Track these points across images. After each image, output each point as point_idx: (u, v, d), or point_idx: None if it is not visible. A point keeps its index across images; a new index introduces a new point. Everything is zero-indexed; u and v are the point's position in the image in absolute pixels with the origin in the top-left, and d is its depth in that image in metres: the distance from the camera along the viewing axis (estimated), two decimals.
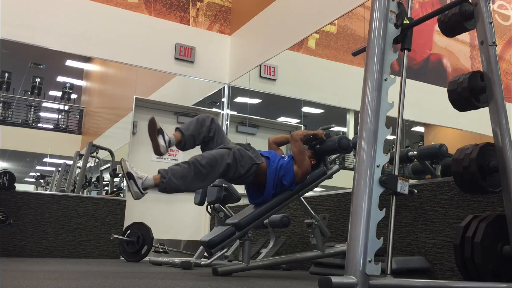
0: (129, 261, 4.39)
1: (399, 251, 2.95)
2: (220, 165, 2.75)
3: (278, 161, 3.02)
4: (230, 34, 6.01)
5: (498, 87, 1.99)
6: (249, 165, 2.88)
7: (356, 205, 1.66)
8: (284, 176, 2.98)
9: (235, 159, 2.81)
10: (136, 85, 6.09)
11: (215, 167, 2.74)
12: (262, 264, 3.17)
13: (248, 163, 2.88)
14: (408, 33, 2.06)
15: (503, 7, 5.57)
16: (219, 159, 2.75)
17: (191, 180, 2.69)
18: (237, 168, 2.82)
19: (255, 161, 2.91)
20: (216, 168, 2.74)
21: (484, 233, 1.95)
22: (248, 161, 2.88)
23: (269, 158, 3.01)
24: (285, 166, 3.00)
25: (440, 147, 2.83)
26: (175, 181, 2.65)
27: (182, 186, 2.68)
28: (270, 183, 2.96)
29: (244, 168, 2.86)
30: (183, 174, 2.67)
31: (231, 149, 2.83)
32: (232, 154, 2.80)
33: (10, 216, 4.22)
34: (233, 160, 2.79)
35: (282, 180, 2.98)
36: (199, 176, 2.71)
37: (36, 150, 9.22)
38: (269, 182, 2.95)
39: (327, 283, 1.45)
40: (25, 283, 1.97)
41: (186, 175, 2.67)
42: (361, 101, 1.83)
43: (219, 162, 2.75)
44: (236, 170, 2.82)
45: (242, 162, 2.85)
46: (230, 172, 2.82)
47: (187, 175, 2.67)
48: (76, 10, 5.17)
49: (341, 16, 4.39)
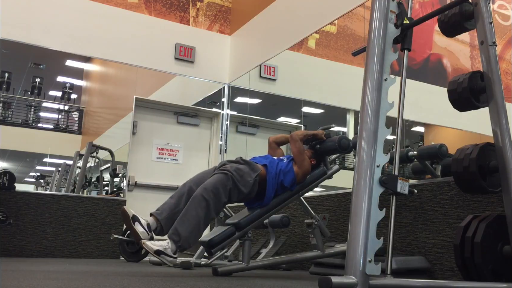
0: (129, 261, 4.39)
1: (399, 251, 2.95)
2: (224, 193, 2.74)
3: (277, 165, 3.00)
4: (230, 34, 6.01)
5: (498, 87, 1.99)
6: (251, 183, 2.85)
7: (356, 205, 1.66)
8: (284, 180, 2.98)
9: (234, 182, 2.78)
10: (136, 85, 6.10)
11: (220, 197, 2.72)
12: (262, 264, 3.18)
13: (249, 182, 2.84)
14: (408, 33, 2.06)
15: (503, 7, 5.57)
16: (221, 188, 2.73)
17: (202, 223, 2.69)
18: (240, 190, 2.80)
19: (254, 175, 2.88)
20: (220, 197, 2.73)
21: (484, 233, 1.95)
22: (247, 179, 2.84)
23: (267, 166, 2.99)
24: (284, 169, 3.00)
25: (440, 147, 2.83)
26: (189, 234, 2.63)
27: (197, 234, 2.70)
28: (270, 189, 2.94)
29: (247, 188, 2.83)
30: (194, 224, 2.65)
31: (227, 173, 2.79)
32: (231, 178, 2.78)
33: (10, 216, 4.22)
34: (233, 184, 2.77)
35: (283, 183, 2.98)
36: (208, 212, 2.69)
37: (36, 150, 9.22)
38: (268, 189, 2.94)
39: (327, 283, 1.45)
40: (25, 283, 1.97)
41: (197, 222, 2.66)
42: (361, 101, 1.83)
43: (221, 191, 2.73)
44: (239, 193, 2.81)
45: (242, 182, 2.82)
46: (234, 197, 2.81)
47: (198, 222, 2.66)
48: (76, 10, 5.16)
49: (341, 16, 4.39)
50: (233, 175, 2.79)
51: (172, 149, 5.63)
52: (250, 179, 2.86)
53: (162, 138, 5.60)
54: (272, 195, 2.96)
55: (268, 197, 2.95)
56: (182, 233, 2.61)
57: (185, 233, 2.61)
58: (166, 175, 5.53)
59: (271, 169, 2.97)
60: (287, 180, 2.97)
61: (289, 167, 3.01)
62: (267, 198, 2.95)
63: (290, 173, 2.99)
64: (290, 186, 3.00)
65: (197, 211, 2.66)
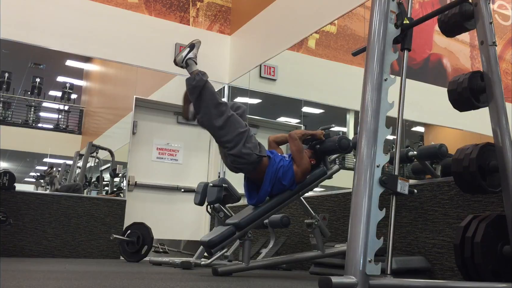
0: (129, 261, 4.39)
1: (399, 251, 2.95)
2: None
3: (279, 161, 3.03)
4: (230, 34, 6.01)
5: (498, 87, 1.99)
6: (254, 157, 2.93)
7: (356, 205, 1.66)
8: (283, 177, 2.98)
9: (249, 130, 3.00)
10: (136, 85, 6.09)
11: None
12: (262, 264, 3.18)
13: (253, 149, 2.93)
14: (408, 33, 2.06)
15: (503, 7, 5.57)
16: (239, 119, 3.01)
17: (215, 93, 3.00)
18: (247, 140, 2.93)
19: (259, 153, 2.95)
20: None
21: (484, 233, 1.95)
22: (253, 146, 2.95)
23: (271, 157, 3.03)
24: (285, 167, 3.01)
25: (440, 147, 2.83)
26: (205, 78, 2.98)
27: (208, 91, 2.97)
28: (267, 181, 2.97)
29: (247, 148, 2.92)
30: (211, 89, 3.01)
31: (247, 126, 3.04)
32: (248, 129, 3.00)
33: (10, 216, 4.22)
34: (247, 130, 2.97)
35: (281, 181, 2.98)
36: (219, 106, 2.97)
37: (36, 150, 9.21)
38: (266, 180, 2.97)
39: (327, 283, 1.45)
40: (25, 283, 1.97)
41: (213, 91, 3.00)
42: (361, 101, 1.83)
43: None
44: (247, 138, 2.94)
45: (252, 140, 2.96)
46: (241, 139, 2.93)
47: (213, 91, 3.01)
48: (76, 10, 5.16)
49: (341, 16, 4.39)
50: (249, 129, 3.01)
51: (172, 149, 5.63)
52: (255, 150, 2.95)
53: (162, 138, 5.60)
54: (268, 189, 2.98)
55: (264, 190, 2.98)
56: (204, 76, 3.06)
57: (205, 77, 3.06)
58: (166, 175, 5.53)
59: (273, 162, 3.00)
60: (285, 177, 2.98)
61: (289, 165, 3.02)
62: (263, 191, 2.98)
63: (289, 171, 3.00)
64: (289, 185, 3.00)
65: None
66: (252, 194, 3.07)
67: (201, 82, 2.97)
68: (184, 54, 3.09)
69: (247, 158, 2.91)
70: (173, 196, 5.49)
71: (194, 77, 3.00)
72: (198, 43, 3.16)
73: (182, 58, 3.08)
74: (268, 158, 3.03)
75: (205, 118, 3.00)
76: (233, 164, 2.99)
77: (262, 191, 2.99)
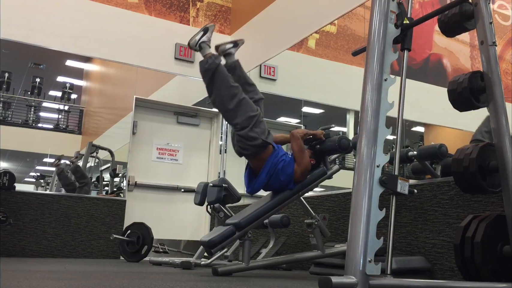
0: (129, 261, 4.39)
1: (399, 251, 2.95)
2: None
3: (282, 155, 3.07)
4: (230, 34, 6.01)
5: (498, 87, 1.99)
6: (259, 141, 2.96)
7: (356, 205, 1.66)
8: (281, 171, 2.99)
9: (261, 115, 3.06)
10: (136, 85, 6.09)
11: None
12: (262, 264, 3.18)
13: (259, 134, 2.97)
14: (408, 33, 2.06)
15: (503, 7, 5.57)
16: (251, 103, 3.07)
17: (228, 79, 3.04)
18: (256, 124, 2.97)
19: (266, 139, 2.99)
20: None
21: (484, 233, 1.95)
22: (261, 132, 2.98)
23: (275, 148, 3.08)
24: (286, 162, 3.03)
25: (440, 147, 2.83)
26: (217, 62, 3.04)
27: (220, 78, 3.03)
28: (265, 171, 2.99)
29: (254, 132, 2.96)
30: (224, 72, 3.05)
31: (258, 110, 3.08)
32: (259, 114, 3.05)
33: (10, 216, 4.22)
34: (258, 114, 3.02)
35: (278, 175, 2.99)
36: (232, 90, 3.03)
37: (36, 150, 9.20)
38: (264, 169, 2.99)
39: (327, 283, 1.45)
40: (25, 283, 1.97)
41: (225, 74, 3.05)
42: (361, 101, 1.83)
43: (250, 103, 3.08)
44: (256, 123, 2.98)
45: (261, 125, 3.00)
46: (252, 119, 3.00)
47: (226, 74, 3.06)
48: (76, 10, 5.17)
49: (341, 16, 4.39)
50: (260, 115, 3.07)
51: (172, 149, 5.63)
52: (262, 135, 2.98)
53: (162, 138, 5.60)
54: (264, 180, 3.01)
55: (260, 179, 3.01)
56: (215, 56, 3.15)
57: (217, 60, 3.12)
58: (166, 175, 5.53)
59: (276, 154, 3.04)
60: (284, 172, 2.99)
61: (290, 162, 3.05)
62: (259, 180, 3.01)
63: (289, 168, 3.01)
64: (286, 181, 3.01)
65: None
66: (250, 183, 3.11)
67: (213, 65, 3.02)
68: (198, 37, 3.15)
69: (252, 142, 2.96)
70: (173, 196, 5.49)
71: (206, 60, 3.06)
72: (212, 27, 3.21)
73: (195, 41, 3.14)
74: (273, 147, 3.07)
75: (217, 100, 3.07)
76: (238, 143, 3.05)
77: (258, 180, 3.03)
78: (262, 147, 2.99)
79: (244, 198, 4.82)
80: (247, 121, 2.98)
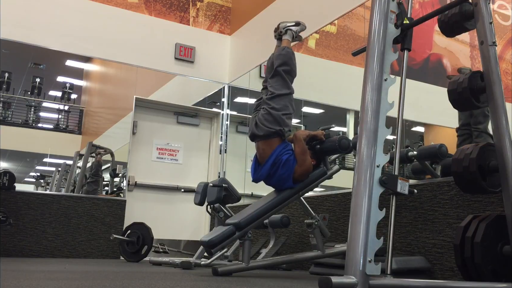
0: (129, 261, 4.39)
1: (399, 251, 2.95)
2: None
3: (289, 149, 3.10)
4: (230, 34, 6.01)
5: (498, 87, 1.99)
6: (281, 126, 3.05)
7: (356, 205, 1.66)
8: (284, 164, 3.01)
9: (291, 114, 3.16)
10: (136, 85, 6.08)
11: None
12: (262, 264, 3.18)
13: (281, 124, 3.06)
14: (408, 33, 2.06)
15: (503, 7, 5.57)
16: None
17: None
18: (289, 116, 3.12)
19: (285, 131, 3.09)
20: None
21: (484, 233, 1.95)
22: (287, 124, 3.09)
23: (285, 141, 3.13)
24: (291, 156, 3.05)
25: (440, 147, 2.83)
26: (291, 52, 3.22)
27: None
28: (272, 159, 3.03)
29: (284, 120, 3.07)
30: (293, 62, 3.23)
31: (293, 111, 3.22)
32: (292, 113, 3.18)
33: (10, 216, 4.22)
34: (292, 113, 3.17)
35: (279, 167, 3.00)
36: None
37: (36, 150, 9.20)
38: (271, 157, 3.03)
39: (327, 283, 1.45)
40: (25, 283, 1.97)
41: (294, 63, 3.22)
42: (361, 101, 1.84)
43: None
44: (289, 115, 3.12)
45: (287, 121, 3.11)
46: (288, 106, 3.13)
47: (294, 63, 3.23)
48: (76, 10, 5.17)
49: (341, 16, 4.39)
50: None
51: (172, 149, 5.63)
52: (286, 128, 3.09)
53: (162, 138, 5.60)
54: (268, 168, 3.05)
55: (265, 168, 3.06)
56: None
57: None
58: (166, 175, 5.53)
59: (285, 146, 3.09)
60: (285, 166, 3.01)
61: (293, 158, 3.06)
62: (264, 169, 3.07)
63: (291, 163, 3.03)
64: (286, 176, 3.02)
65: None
66: (256, 171, 3.16)
67: (289, 54, 3.19)
68: (289, 24, 3.34)
69: (274, 126, 3.04)
70: (173, 196, 5.49)
71: (284, 47, 3.24)
72: (303, 26, 3.41)
73: (285, 25, 3.34)
74: (284, 140, 3.13)
75: (275, 57, 3.23)
76: (260, 121, 3.10)
77: (264, 168, 3.07)
78: (277, 134, 3.06)
79: (244, 198, 4.82)
80: (283, 109, 3.09)
